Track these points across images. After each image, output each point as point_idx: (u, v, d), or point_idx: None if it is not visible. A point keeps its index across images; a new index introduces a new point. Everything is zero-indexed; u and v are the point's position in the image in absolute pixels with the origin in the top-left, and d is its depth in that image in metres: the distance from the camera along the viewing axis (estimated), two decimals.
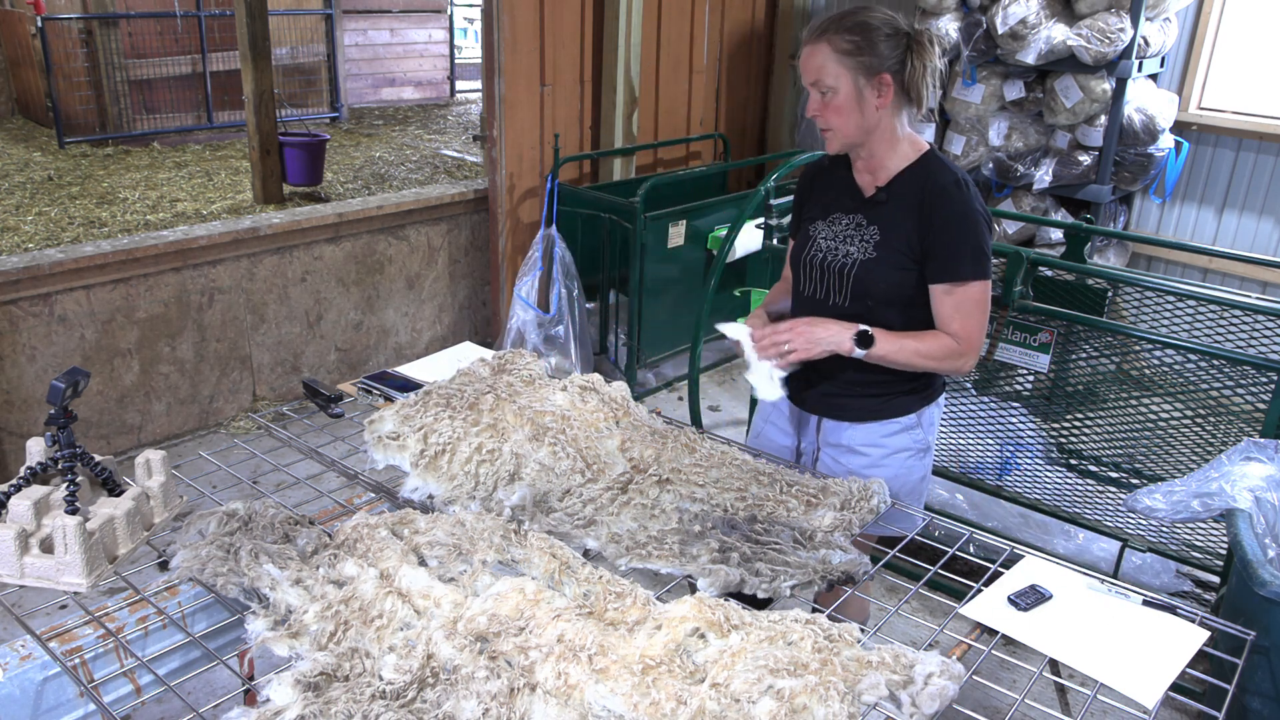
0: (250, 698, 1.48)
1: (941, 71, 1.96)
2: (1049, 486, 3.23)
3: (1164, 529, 3.00)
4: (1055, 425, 3.27)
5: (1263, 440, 2.40)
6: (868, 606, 2.23)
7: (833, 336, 1.93)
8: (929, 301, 1.98)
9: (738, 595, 1.57)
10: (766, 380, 1.96)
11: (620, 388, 2.19)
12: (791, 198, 3.18)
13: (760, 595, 1.57)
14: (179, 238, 3.91)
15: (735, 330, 2.02)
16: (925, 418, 2.13)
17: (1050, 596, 1.63)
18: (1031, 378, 3.29)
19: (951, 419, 3.40)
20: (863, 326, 1.93)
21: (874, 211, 2.00)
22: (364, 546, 1.60)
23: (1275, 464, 2.31)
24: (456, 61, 10.63)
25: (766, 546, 1.65)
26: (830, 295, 2.04)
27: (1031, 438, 3.28)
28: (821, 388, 2.11)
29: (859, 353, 1.92)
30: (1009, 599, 1.61)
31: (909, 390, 2.08)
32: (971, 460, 3.37)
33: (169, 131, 7.67)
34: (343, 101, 8.80)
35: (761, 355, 1.96)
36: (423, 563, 1.60)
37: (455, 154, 7.44)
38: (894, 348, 1.94)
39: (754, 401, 2.76)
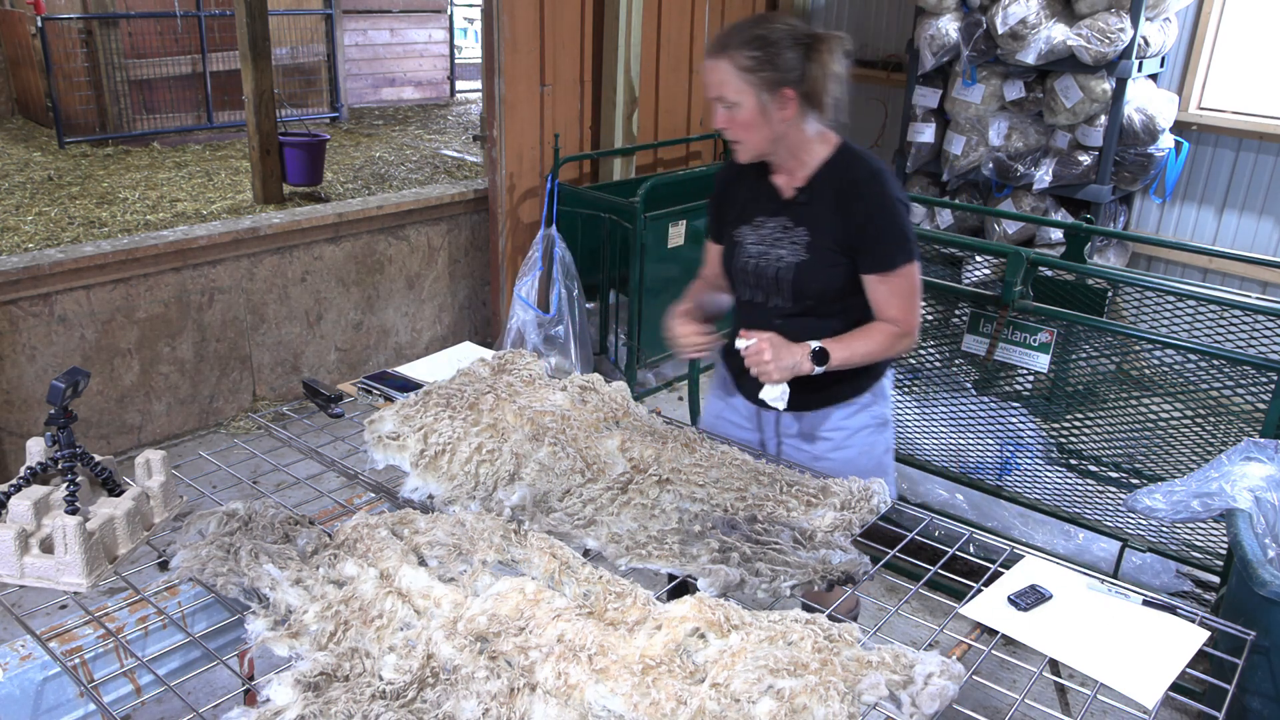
0: (250, 698, 1.48)
1: (843, 76, 1.99)
2: (1049, 486, 3.23)
3: (1164, 529, 3.00)
4: (1055, 425, 3.27)
5: (1263, 440, 2.40)
6: (856, 598, 2.25)
7: (795, 361, 1.97)
8: (860, 291, 2.04)
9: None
10: (772, 390, 2.01)
11: (620, 388, 2.19)
12: None
13: (760, 595, 1.57)
14: (179, 238, 3.91)
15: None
16: (879, 392, 2.19)
17: (1050, 596, 1.63)
18: (1031, 378, 3.29)
19: (951, 419, 3.40)
20: (815, 345, 1.98)
21: (797, 212, 2.04)
22: (364, 546, 1.60)
23: (1275, 464, 2.31)
24: (456, 61, 10.63)
25: (766, 546, 1.65)
26: (769, 298, 2.09)
27: (1031, 438, 3.28)
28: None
29: (817, 370, 1.98)
30: (1009, 599, 1.61)
31: (860, 370, 2.12)
32: (971, 460, 3.37)
33: (169, 131, 7.67)
34: (343, 101, 8.80)
35: (749, 363, 1.99)
36: (423, 563, 1.60)
37: (455, 154, 7.44)
38: (845, 354, 2.00)
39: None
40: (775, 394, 1.99)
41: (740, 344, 2.00)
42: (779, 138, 1.97)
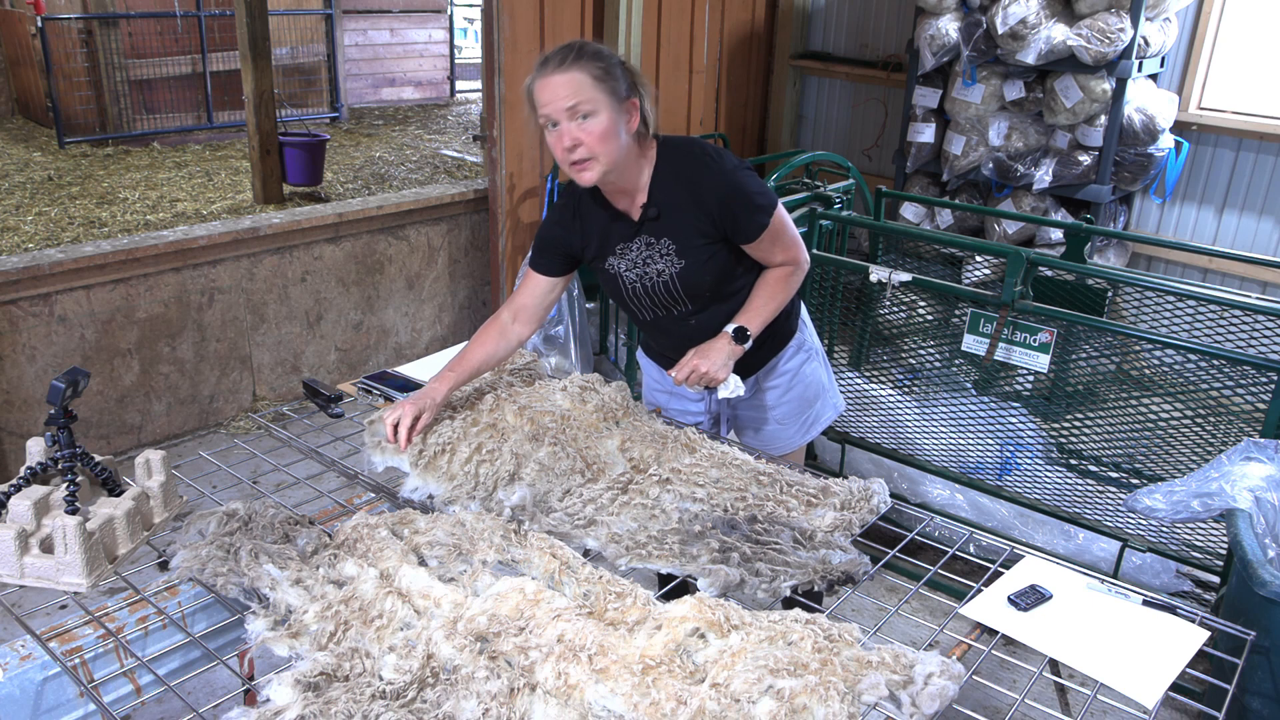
0: (250, 698, 1.48)
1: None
2: (1049, 486, 3.23)
3: (1164, 529, 3.00)
4: (1055, 425, 3.27)
5: (1263, 440, 2.40)
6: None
7: (726, 354, 2.03)
8: (745, 255, 2.10)
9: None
10: (731, 385, 2.07)
11: (620, 388, 2.19)
12: (789, 197, 3.19)
13: (760, 595, 1.57)
14: (179, 238, 3.91)
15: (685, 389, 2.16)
16: (802, 323, 2.31)
17: (1050, 596, 1.63)
18: (1031, 378, 3.29)
19: (951, 419, 3.40)
20: (732, 329, 2.04)
21: (653, 227, 2.05)
22: (364, 546, 1.60)
23: (1275, 464, 2.31)
24: (456, 61, 10.63)
25: (766, 546, 1.65)
26: (669, 308, 2.13)
27: (1031, 438, 3.28)
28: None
29: (748, 346, 2.05)
30: (1009, 599, 1.61)
31: (781, 316, 2.19)
32: (971, 460, 3.37)
33: (169, 131, 7.67)
34: (343, 101, 8.80)
35: (693, 387, 2.06)
36: (423, 563, 1.60)
37: (455, 154, 7.44)
38: (760, 319, 2.08)
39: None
40: (730, 388, 2.05)
41: (673, 374, 2.06)
42: (625, 151, 1.95)
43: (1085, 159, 4.30)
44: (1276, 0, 4.34)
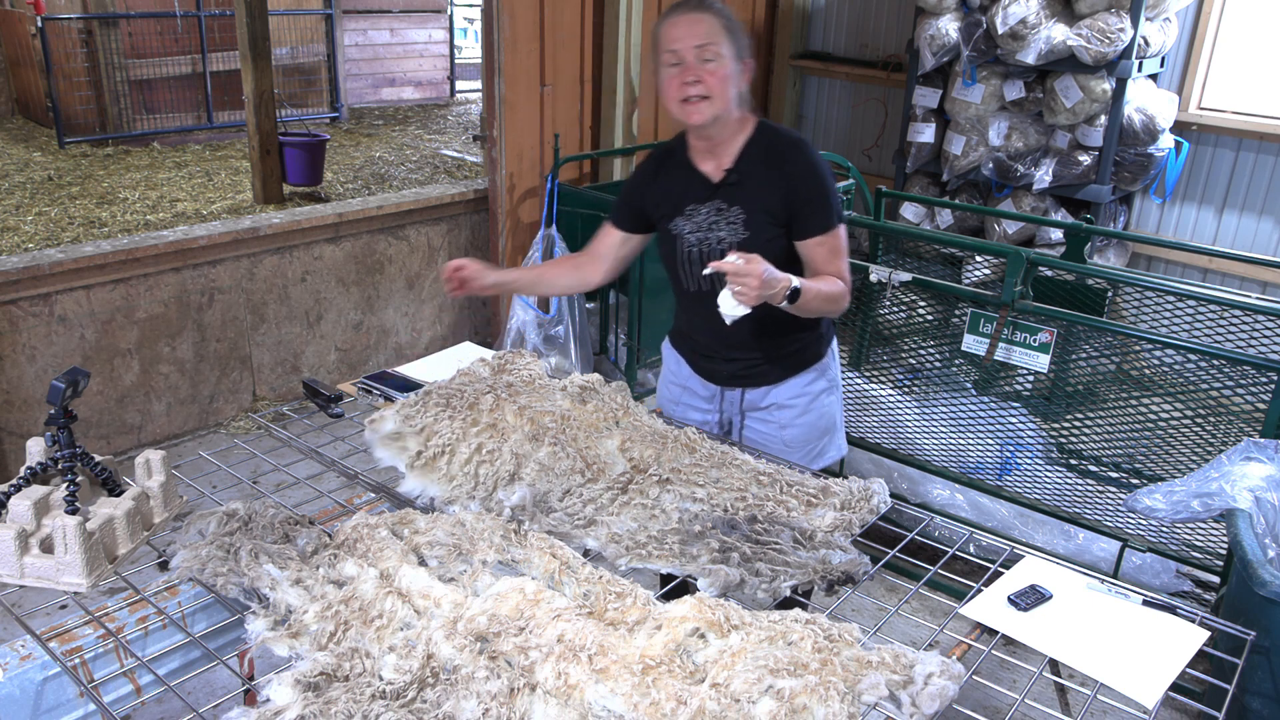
0: (250, 698, 1.48)
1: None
2: (1049, 486, 3.23)
3: (1164, 529, 3.00)
4: (1055, 425, 3.27)
5: (1263, 440, 2.40)
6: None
7: (774, 287, 1.89)
8: (797, 258, 2.10)
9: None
10: (732, 302, 1.90)
11: (620, 388, 2.19)
12: None
13: (760, 595, 1.57)
14: (179, 238, 3.91)
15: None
16: (832, 354, 2.32)
17: (1050, 596, 1.63)
18: (1031, 378, 3.29)
19: (951, 419, 3.40)
20: (795, 283, 1.92)
21: (731, 193, 2.10)
22: (364, 546, 1.60)
23: (1275, 464, 2.31)
24: (456, 61, 10.62)
25: (766, 546, 1.65)
26: (718, 283, 2.05)
27: (1031, 438, 3.28)
28: (736, 365, 2.24)
29: (785, 305, 1.95)
30: (1009, 599, 1.61)
31: (816, 337, 2.25)
32: (971, 460, 3.37)
33: (169, 131, 7.67)
34: (343, 101, 8.80)
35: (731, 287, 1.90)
36: (423, 563, 1.60)
37: (455, 154, 7.44)
38: (813, 292, 1.98)
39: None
40: (733, 306, 1.89)
41: (732, 256, 1.87)
42: (732, 106, 2.03)
43: (1085, 159, 4.30)
44: (1277, 0, 4.34)
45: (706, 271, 1.96)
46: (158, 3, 7.70)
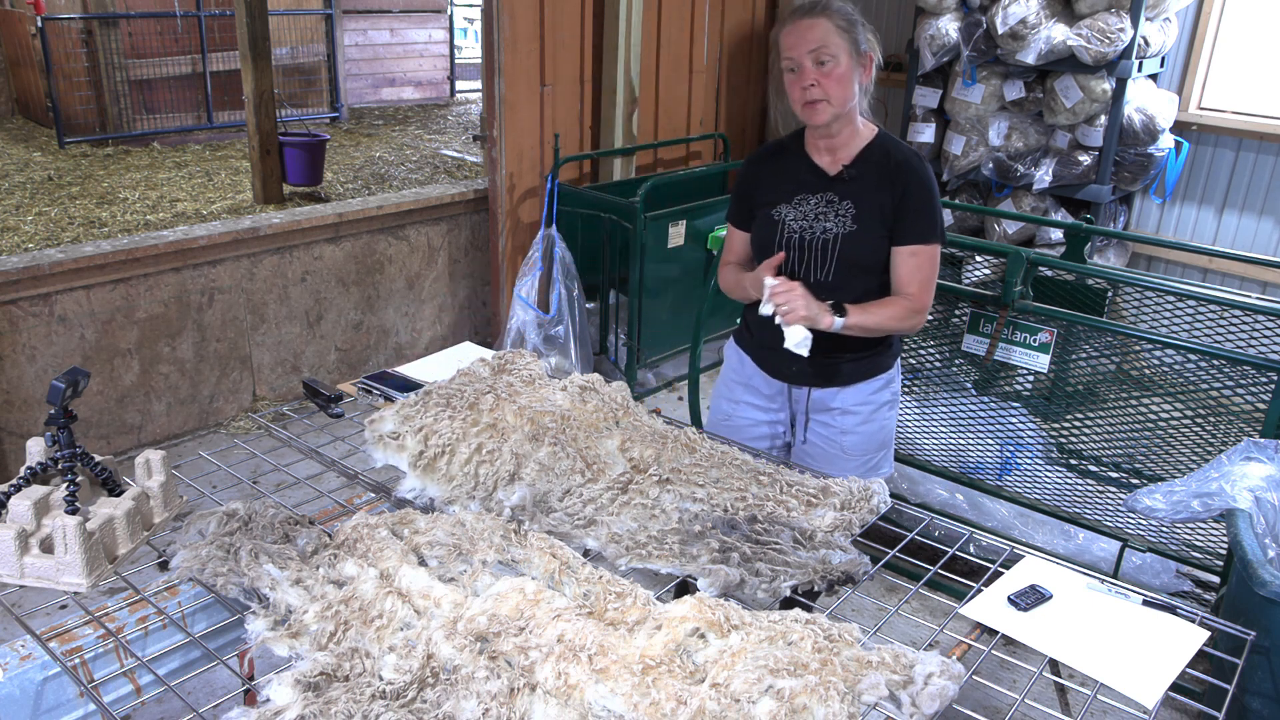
0: (250, 698, 1.48)
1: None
2: (1049, 486, 3.23)
3: (1164, 529, 3.00)
4: (1055, 425, 3.27)
5: (1263, 440, 2.40)
6: None
7: (818, 309, 2.04)
8: (889, 272, 2.16)
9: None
10: (797, 333, 2.05)
11: (620, 388, 2.19)
12: None
13: (760, 595, 1.57)
14: (179, 238, 3.91)
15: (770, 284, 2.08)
16: (898, 368, 2.35)
17: (1050, 596, 1.63)
18: (1031, 378, 3.29)
19: (951, 419, 3.40)
20: (835, 302, 2.07)
21: (845, 188, 2.14)
22: (364, 546, 1.60)
23: (1275, 464, 2.31)
24: (456, 61, 10.63)
25: (766, 546, 1.65)
26: (811, 272, 2.15)
27: (1031, 438, 3.28)
28: (808, 360, 2.21)
29: (837, 324, 2.06)
30: (1009, 599, 1.61)
31: (885, 348, 2.27)
32: (971, 460, 3.37)
33: (169, 131, 7.67)
34: (343, 101, 8.80)
35: (776, 305, 2.04)
36: (423, 563, 1.60)
37: (455, 154, 7.44)
38: (861, 318, 2.09)
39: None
40: (798, 338, 2.03)
41: (770, 281, 2.05)
42: (851, 103, 2.09)
43: (1085, 159, 4.30)
44: (1277, 0, 4.34)
45: (769, 283, 2.04)
46: (158, 3, 7.70)
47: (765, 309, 2.06)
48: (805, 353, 2.05)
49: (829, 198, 2.15)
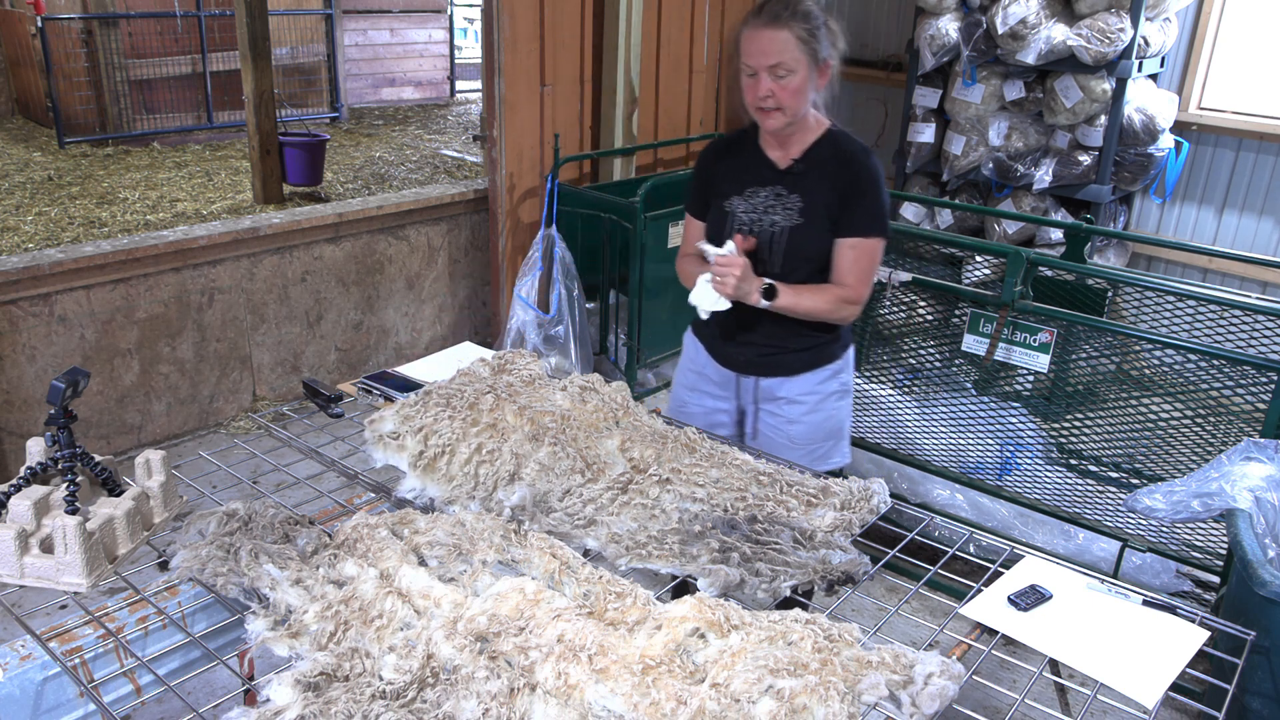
0: (250, 698, 1.48)
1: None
2: (1049, 486, 3.23)
3: (1164, 529, 2.99)
4: (1055, 425, 3.27)
5: (1263, 440, 2.40)
6: None
7: (751, 286, 2.10)
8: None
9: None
10: (710, 296, 2.11)
11: (620, 388, 2.19)
12: None
13: (760, 595, 1.57)
14: (179, 238, 3.91)
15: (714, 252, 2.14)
16: (848, 360, 2.37)
17: (1050, 596, 1.63)
18: (1031, 378, 3.29)
19: (951, 419, 3.40)
20: (767, 281, 2.12)
21: (793, 181, 2.18)
22: (364, 546, 1.60)
23: (1275, 464, 2.31)
24: (456, 61, 10.63)
25: (766, 546, 1.65)
26: (759, 263, 2.18)
27: (1031, 438, 3.28)
28: (755, 350, 2.29)
29: (763, 303, 2.11)
30: (1009, 599, 1.61)
31: (833, 338, 2.30)
32: (971, 460, 3.37)
33: (169, 131, 7.67)
34: (343, 101, 8.80)
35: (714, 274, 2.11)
36: (423, 563, 1.60)
37: (455, 154, 7.44)
38: (792, 300, 2.14)
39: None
40: (710, 301, 2.10)
41: (717, 250, 2.10)
42: (803, 110, 2.12)
43: (1085, 159, 4.30)
44: (1277, 0, 4.34)
45: (702, 245, 2.11)
46: (158, 3, 7.70)
47: (703, 278, 2.12)
48: (705, 316, 2.12)
49: (778, 190, 2.18)
